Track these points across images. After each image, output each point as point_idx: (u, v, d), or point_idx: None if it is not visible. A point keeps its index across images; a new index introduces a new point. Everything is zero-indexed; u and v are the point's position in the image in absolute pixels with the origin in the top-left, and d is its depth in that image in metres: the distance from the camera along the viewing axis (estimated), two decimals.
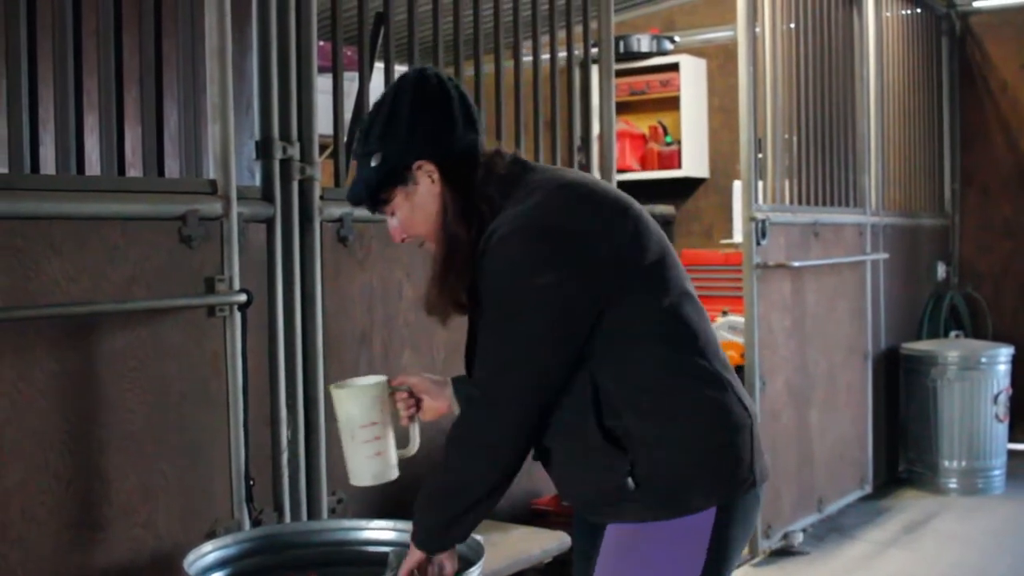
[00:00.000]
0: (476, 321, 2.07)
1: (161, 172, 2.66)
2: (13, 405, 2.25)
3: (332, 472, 2.92)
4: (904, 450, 6.40)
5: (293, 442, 2.82)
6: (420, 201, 2.06)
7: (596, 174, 4.18)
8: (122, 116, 2.67)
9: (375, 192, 2.07)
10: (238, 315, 2.61)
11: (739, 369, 5.53)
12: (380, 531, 2.59)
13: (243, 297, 2.58)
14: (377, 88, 3.21)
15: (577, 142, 4.11)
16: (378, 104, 2.09)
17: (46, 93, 2.61)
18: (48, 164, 2.63)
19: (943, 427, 6.12)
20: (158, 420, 2.51)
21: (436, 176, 2.05)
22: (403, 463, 2.27)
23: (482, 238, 2.00)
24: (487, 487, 2.02)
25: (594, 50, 4.28)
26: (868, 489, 5.95)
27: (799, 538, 5.12)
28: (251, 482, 2.65)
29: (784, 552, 5.05)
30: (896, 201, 6.62)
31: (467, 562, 2.24)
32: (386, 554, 2.46)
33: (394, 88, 2.08)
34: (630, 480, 1.96)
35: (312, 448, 2.87)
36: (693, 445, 1.98)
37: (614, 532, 2.03)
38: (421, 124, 2.04)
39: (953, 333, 6.90)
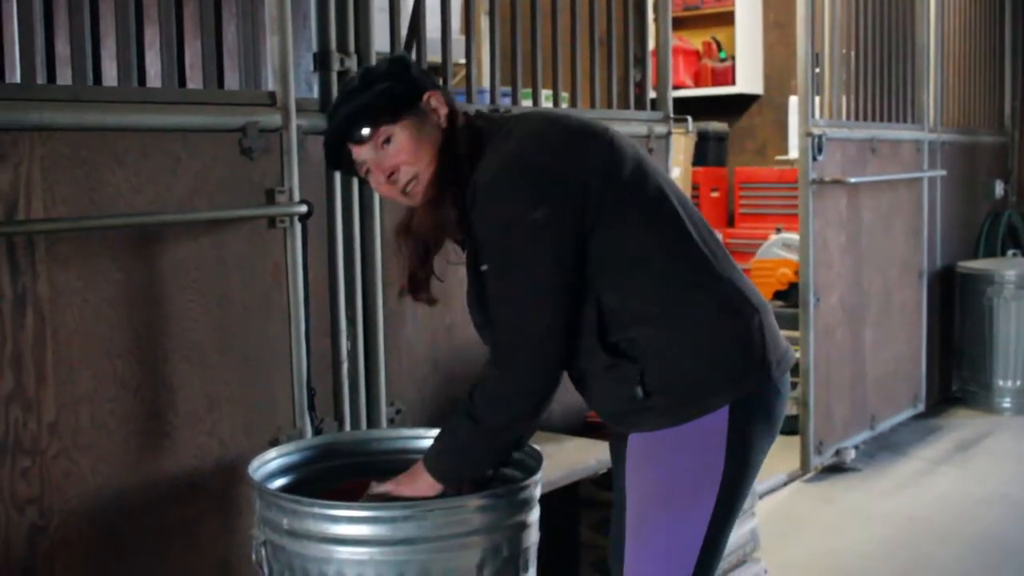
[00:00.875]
0: (474, 270, 2.10)
1: (221, 85, 2.67)
2: (81, 314, 2.29)
3: (391, 383, 2.96)
4: (958, 369, 6.38)
5: (353, 353, 2.85)
6: (427, 133, 2.07)
7: (651, 92, 4.14)
8: (181, 29, 2.67)
9: (380, 113, 2.04)
10: (298, 226, 2.63)
11: (793, 286, 5.51)
12: None
13: (303, 208, 2.59)
14: (433, 5, 3.20)
15: (632, 59, 4.06)
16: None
17: (107, 8, 2.61)
18: (109, 78, 2.65)
19: (998, 346, 6.09)
20: (221, 330, 2.55)
21: (444, 112, 2.09)
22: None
23: (467, 190, 2.02)
24: (524, 429, 2.09)
25: None
26: (921, 407, 5.93)
27: (851, 455, 5.13)
28: (312, 392, 2.69)
29: (836, 468, 5.07)
30: (955, 118, 6.51)
31: (528, 470, 2.27)
32: None
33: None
34: (639, 389, 2.00)
35: (372, 359, 2.90)
36: (700, 347, 2.01)
37: (635, 441, 2.08)
38: (421, 69, 2.13)
39: (1010, 252, 6.82)
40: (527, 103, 3.56)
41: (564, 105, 3.79)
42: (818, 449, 4.99)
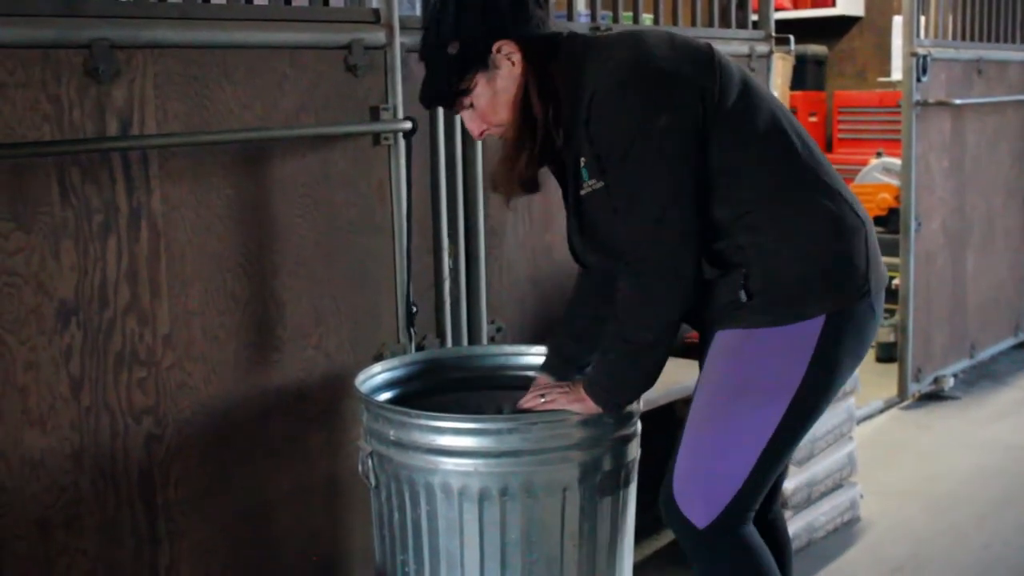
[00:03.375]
0: (576, 196, 2.12)
1: (326, 2, 2.68)
2: (193, 228, 2.34)
3: (492, 301, 2.98)
4: None
5: (455, 271, 2.88)
6: (502, 85, 2.05)
7: (752, 14, 4.07)
8: None
9: (457, 81, 2.04)
10: (403, 143, 2.64)
11: (893, 211, 5.41)
12: (539, 356, 2.65)
13: (408, 125, 2.61)
14: None
15: None
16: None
17: None
18: None
19: None
20: (327, 246, 2.59)
21: (517, 57, 2.04)
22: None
23: (579, 105, 2.00)
24: (672, 340, 2.07)
25: None
26: (1022, 336, 5.82)
27: (950, 382, 5.07)
28: (415, 309, 2.72)
29: (934, 396, 5.02)
30: None
31: None
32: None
33: None
34: (742, 293, 2.01)
35: (473, 277, 2.93)
36: (804, 256, 2.01)
37: (722, 336, 2.07)
38: (494, 5, 2.02)
39: None
40: (627, 24, 3.52)
41: (664, 23, 3.74)
42: (916, 376, 4.93)
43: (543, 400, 2.22)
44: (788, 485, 3.33)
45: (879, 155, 6.21)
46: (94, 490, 2.24)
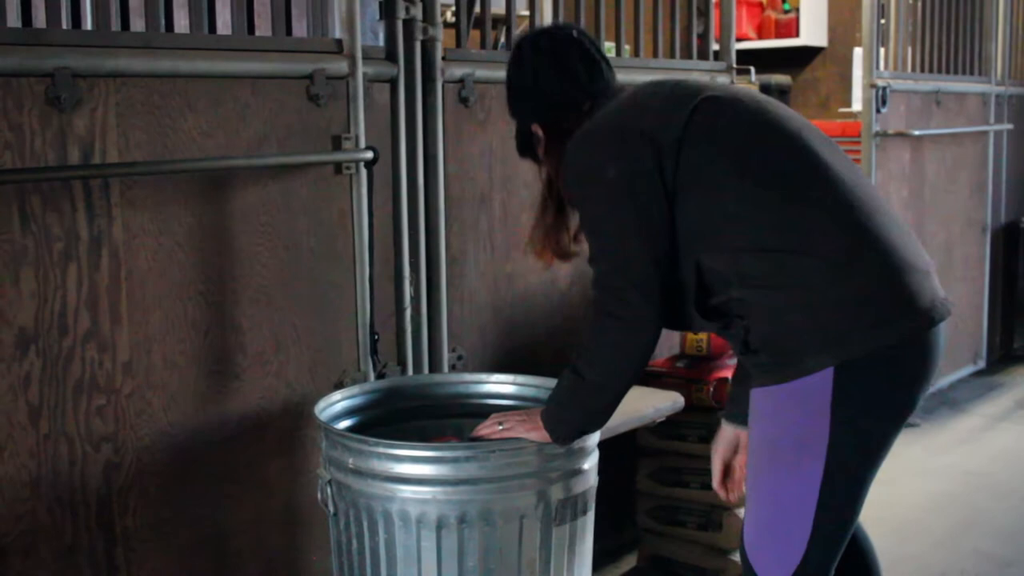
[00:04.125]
0: None
1: (289, 32, 2.71)
2: (154, 256, 2.35)
3: (453, 329, 3.00)
4: (1021, 326, 6.31)
5: (416, 299, 2.90)
6: (544, 152, 2.26)
7: (714, 44, 4.12)
8: None
9: (525, 151, 2.31)
10: (364, 172, 2.67)
11: None
12: (500, 384, 2.68)
13: (370, 154, 2.63)
14: None
15: (695, 9, 4.04)
16: (506, 69, 2.30)
17: None
18: (181, 26, 2.69)
19: None
20: (289, 274, 2.60)
21: (541, 133, 2.24)
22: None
23: None
24: (622, 386, 2.11)
25: None
26: (981, 364, 5.90)
27: None
28: (376, 336, 2.74)
29: None
30: (1022, 70, 6.41)
31: None
32: (507, 407, 2.54)
33: (510, 56, 2.29)
34: (744, 347, 1.99)
35: (434, 305, 2.95)
36: (802, 307, 1.91)
37: (754, 395, 2.03)
38: (528, 92, 2.26)
39: None
40: None
41: (626, 54, 3.79)
42: None
43: (500, 428, 2.24)
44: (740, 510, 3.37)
45: None
46: (52, 518, 2.24)
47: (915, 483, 4.30)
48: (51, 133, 2.18)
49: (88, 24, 2.49)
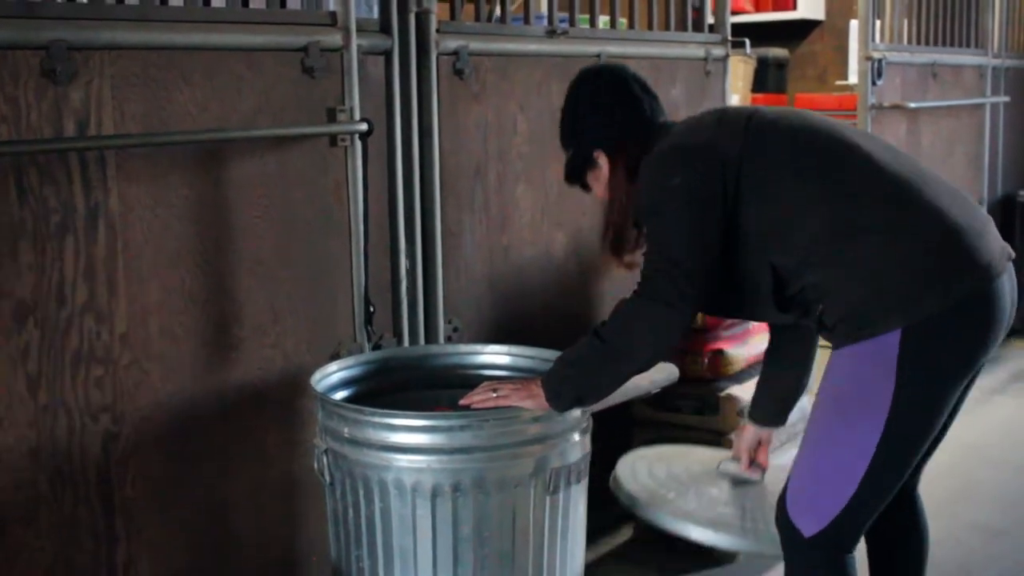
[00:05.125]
0: None
1: (283, 5, 2.71)
2: (150, 228, 2.37)
3: (449, 301, 3.02)
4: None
5: (411, 271, 2.91)
6: (602, 179, 2.40)
7: (709, 17, 4.12)
8: None
9: (578, 178, 2.45)
10: (359, 144, 2.68)
11: None
12: (495, 355, 2.70)
13: (364, 126, 2.64)
14: None
15: None
16: (565, 99, 2.46)
17: None
18: None
19: None
20: (285, 245, 2.62)
21: (604, 160, 2.38)
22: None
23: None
24: (642, 361, 2.23)
25: None
26: None
27: None
28: (371, 308, 2.75)
29: None
30: (1020, 43, 6.40)
31: None
32: (502, 377, 2.57)
33: (573, 86, 2.46)
34: (821, 324, 2.18)
35: (430, 277, 2.96)
36: (866, 278, 2.09)
37: (831, 357, 2.17)
38: (594, 120, 2.40)
39: None
40: (584, 27, 3.57)
41: (621, 26, 3.80)
42: None
43: (494, 395, 2.26)
44: None
45: None
46: (52, 488, 2.26)
47: None
48: (47, 106, 2.19)
49: None
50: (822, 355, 2.32)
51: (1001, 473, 4.14)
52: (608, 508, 2.76)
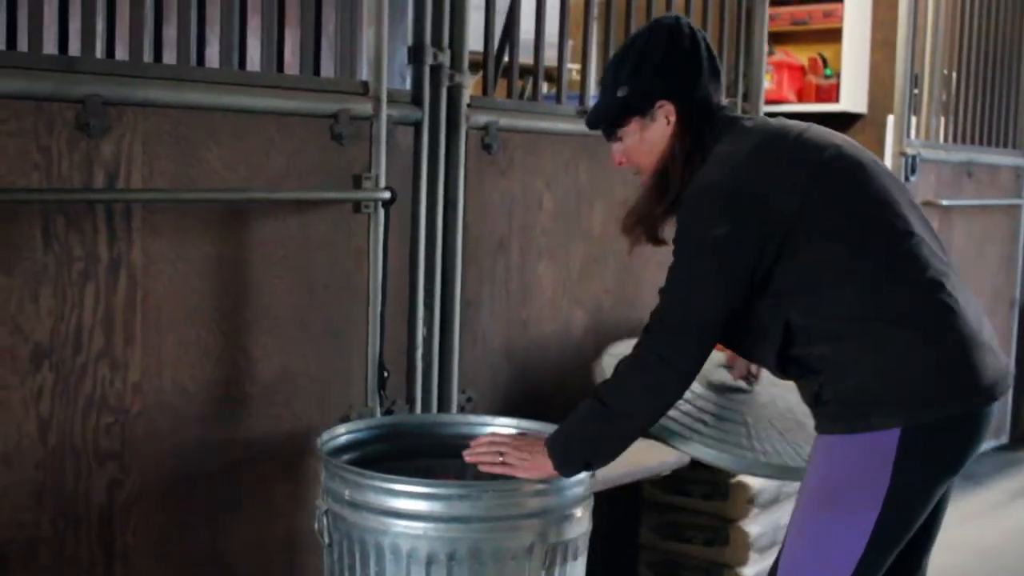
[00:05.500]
0: None
1: (317, 72, 2.79)
2: (171, 281, 2.42)
3: (464, 371, 3.05)
4: None
5: (428, 339, 2.95)
6: (650, 136, 2.24)
7: (739, 103, 4.17)
8: (283, 18, 2.80)
9: (615, 119, 2.26)
10: (382, 212, 2.73)
11: None
12: (505, 428, 2.71)
13: (387, 194, 2.69)
14: (529, 6, 3.28)
15: (732, 73, 4.11)
16: (631, 41, 2.28)
17: None
18: (212, 61, 2.78)
19: None
20: (302, 307, 2.66)
21: (673, 118, 2.22)
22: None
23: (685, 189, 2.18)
24: (645, 421, 2.18)
25: None
26: (1004, 439, 5.86)
27: None
28: (385, 373, 2.79)
29: None
30: None
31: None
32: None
33: (648, 30, 2.27)
34: (821, 393, 2.08)
35: (446, 347, 3.00)
36: (881, 368, 2.03)
37: (818, 441, 2.11)
38: (670, 67, 2.22)
39: None
40: None
41: None
42: None
43: (500, 459, 2.27)
44: (753, 529, 3.39)
45: None
46: (54, 529, 2.30)
47: None
48: (78, 157, 2.26)
49: (123, 55, 2.58)
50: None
51: None
52: None
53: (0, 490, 2.21)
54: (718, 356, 2.67)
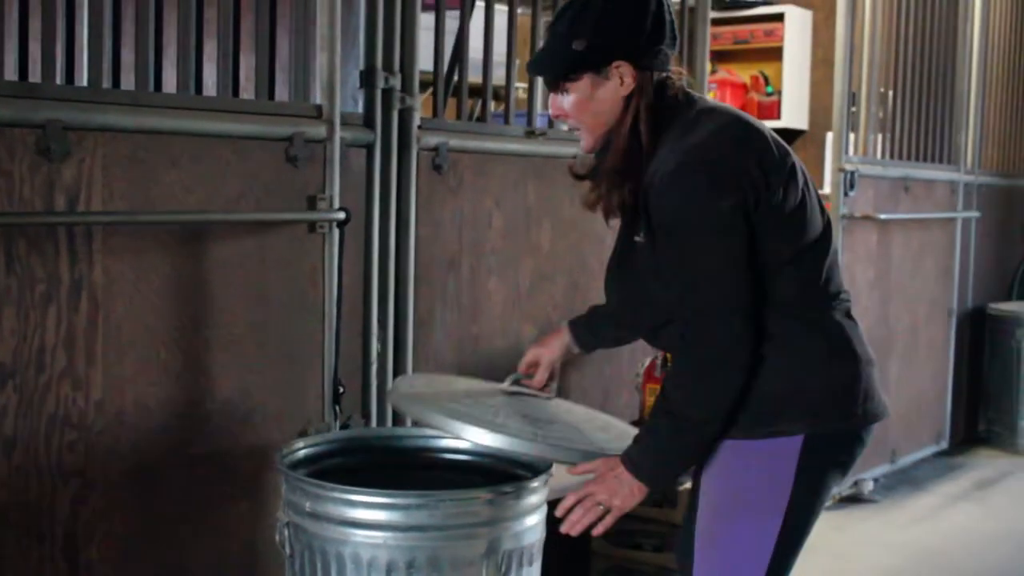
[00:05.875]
0: (629, 239, 2.22)
1: (271, 96, 2.86)
2: (131, 301, 2.48)
3: None
4: (984, 409, 6.46)
5: (382, 355, 3.03)
6: (601, 95, 2.13)
7: None
8: (238, 43, 2.86)
9: (565, 71, 2.14)
10: (336, 232, 2.81)
11: None
12: (459, 440, 2.78)
13: (342, 215, 2.78)
14: (477, 26, 3.38)
15: None
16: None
17: (170, 20, 2.82)
18: (169, 86, 2.85)
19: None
20: (259, 325, 2.73)
21: (629, 80, 2.12)
22: None
23: (648, 172, 2.09)
24: (725, 414, 2.09)
25: None
26: (944, 445, 6.02)
27: (869, 486, 5.22)
28: (341, 389, 2.86)
29: (854, 499, 5.17)
30: (994, 161, 6.62)
31: (536, 472, 2.42)
32: (464, 462, 2.65)
33: None
34: None
35: (400, 362, 3.07)
36: (791, 375, 2.09)
37: (721, 447, 2.15)
38: (635, 29, 2.11)
39: None
40: (562, 128, 3.72)
41: None
42: None
43: (600, 509, 2.20)
44: None
45: None
46: (19, 546, 2.34)
47: (868, 557, 4.40)
48: (39, 181, 2.32)
49: (82, 80, 2.64)
50: None
51: None
52: None
53: None
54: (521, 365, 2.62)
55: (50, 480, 2.38)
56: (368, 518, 2.27)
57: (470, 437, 2.26)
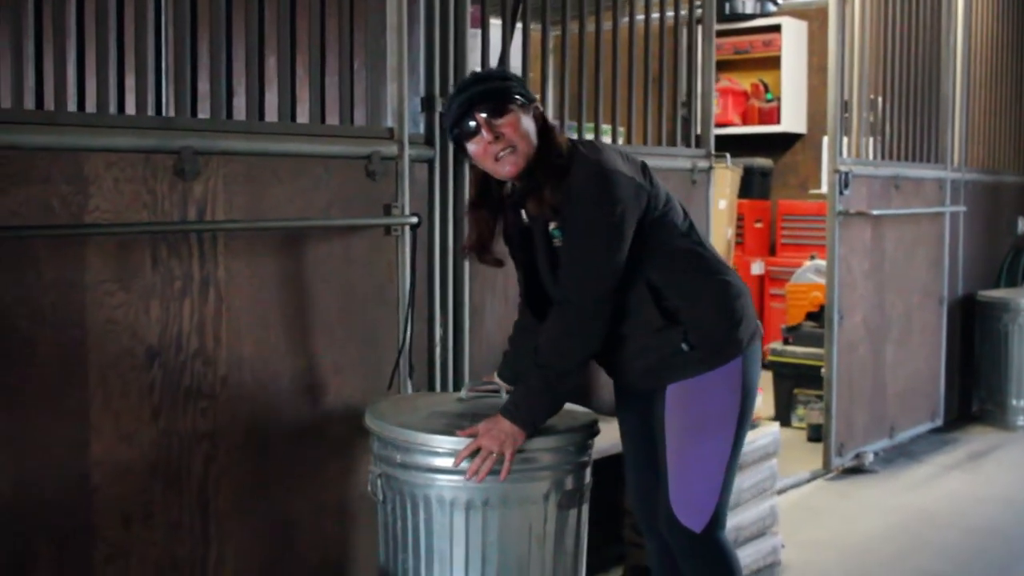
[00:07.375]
0: (548, 238, 2.77)
1: (352, 121, 3.38)
2: (248, 294, 3.00)
3: (473, 363, 3.64)
4: (976, 389, 6.87)
5: (444, 338, 3.54)
6: (527, 125, 2.66)
7: (697, 127, 4.80)
8: (324, 76, 3.40)
9: (507, 103, 2.65)
10: (409, 234, 3.33)
11: (824, 308, 6.11)
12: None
13: (415, 219, 3.30)
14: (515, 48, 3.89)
15: (682, 98, 4.73)
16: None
17: (272, 61, 3.35)
18: (271, 115, 3.38)
19: (1013, 368, 6.61)
20: (346, 313, 3.25)
21: (539, 121, 2.71)
22: None
23: (560, 183, 2.65)
24: (580, 373, 2.75)
25: (698, 11, 4.88)
26: (939, 422, 6.45)
27: (869, 458, 5.68)
28: (412, 367, 3.37)
29: (855, 470, 5.63)
30: (979, 158, 7.04)
31: (587, 428, 2.90)
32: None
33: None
34: (684, 345, 2.73)
35: (459, 344, 3.59)
36: (723, 315, 2.77)
37: (674, 390, 2.77)
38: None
39: None
40: (589, 136, 4.23)
41: (620, 140, 4.47)
42: (839, 451, 5.57)
43: (492, 456, 2.71)
44: None
45: (812, 258, 6.94)
46: (163, 496, 2.86)
47: (870, 518, 4.88)
48: (176, 196, 2.84)
49: (205, 113, 3.17)
50: None
51: (946, 533, 4.69)
52: (601, 552, 3.29)
53: (125, 465, 2.78)
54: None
55: (187, 440, 2.89)
56: (449, 465, 2.75)
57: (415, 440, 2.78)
